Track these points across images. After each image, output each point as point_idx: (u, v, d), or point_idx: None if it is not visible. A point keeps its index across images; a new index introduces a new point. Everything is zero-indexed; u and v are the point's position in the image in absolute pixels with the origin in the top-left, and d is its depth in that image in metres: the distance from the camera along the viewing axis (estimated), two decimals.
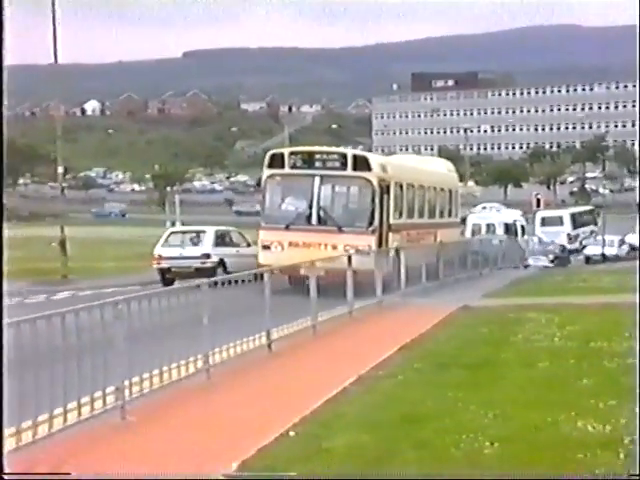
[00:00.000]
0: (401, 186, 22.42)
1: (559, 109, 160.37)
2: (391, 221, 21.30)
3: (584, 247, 44.23)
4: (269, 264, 17.36)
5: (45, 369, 7.81)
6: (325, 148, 22.84)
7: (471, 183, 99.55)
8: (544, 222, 49.64)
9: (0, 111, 5.47)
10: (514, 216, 46.30)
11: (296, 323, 14.15)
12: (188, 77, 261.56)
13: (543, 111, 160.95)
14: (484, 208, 50.31)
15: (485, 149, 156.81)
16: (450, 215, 27.94)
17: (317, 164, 20.78)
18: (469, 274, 25.44)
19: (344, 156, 20.95)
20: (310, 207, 20.61)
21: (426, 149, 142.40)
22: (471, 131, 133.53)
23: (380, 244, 20.54)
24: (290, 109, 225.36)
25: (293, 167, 20.89)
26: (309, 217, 20.57)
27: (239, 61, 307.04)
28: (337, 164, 20.74)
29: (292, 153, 21.38)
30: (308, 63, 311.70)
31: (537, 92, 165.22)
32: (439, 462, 7.07)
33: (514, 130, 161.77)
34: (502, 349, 12.38)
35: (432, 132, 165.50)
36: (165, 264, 23.88)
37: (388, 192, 21.20)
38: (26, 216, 78.27)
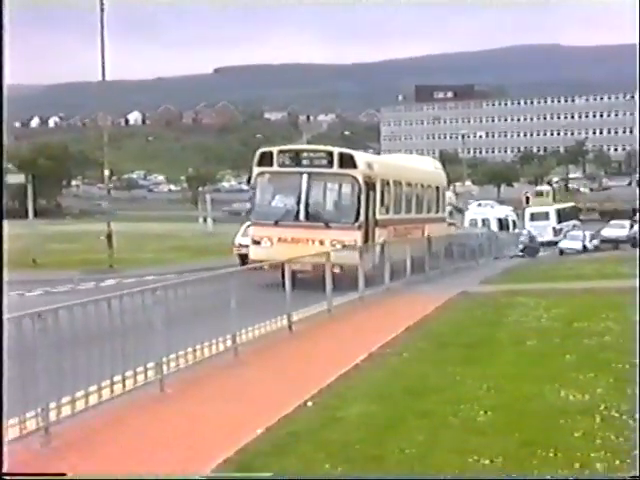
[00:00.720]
0: (388, 183, 20.98)
1: (545, 118, 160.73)
2: (378, 217, 19.82)
3: (557, 242, 43.75)
4: (259, 259, 16.80)
5: (94, 347, 7.86)
6: (312, 146, 21.43)
7: (468, 183, 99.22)
8: (533, 217, 49.48)
9: (0, 114, 5.38)
10: (506, 212, 46.15)
11: (313, 307, 14.15)
12: (218, 90, 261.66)
13: (531, 119, 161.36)
14: (479, 205, 49.96)
15: (481, 153, 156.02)
16: (437, 210, 26.35)
17: (305, 162, 19.33)
18: (461, 265, 24.28)
19: (330, 154, 19.30)
20: (298, 204, 19.11)
21: (428, 153, 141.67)
22: (468, 137, 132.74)
23: (367, 239, 19.05)
24: (308, 118, 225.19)
25: (282, 165, 19.41)
26: (297, 213, 19.06)
27: (263, 76, 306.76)
28: (324, 162, 19.23)
29: (280, 152, 19.72)
30: (324, 77, 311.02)
31: (526, 103, 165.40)
32: (440, 429, 7.08)
33: (506, 136, 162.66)
34: (496, 329, 12.34)
35: (434, 137, 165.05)
36: (244, 251, 24.03)
37: (374, 189, 19.70)
38: (77, 213, 78.56)
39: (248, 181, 21.93)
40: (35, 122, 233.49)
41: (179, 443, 6.96)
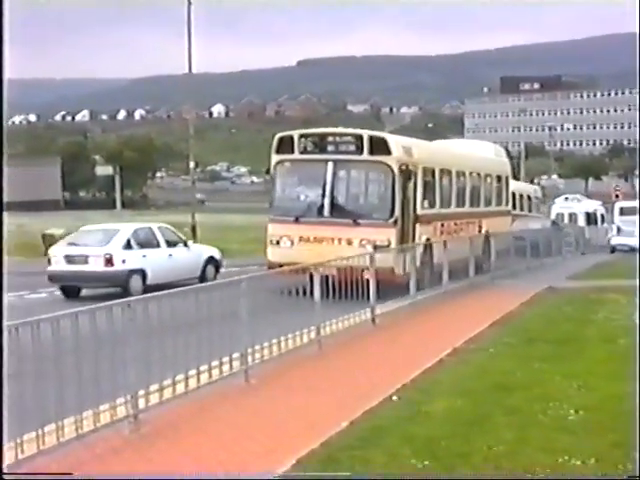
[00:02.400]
0: (432, 172, 18.17)
1: (635, 109, 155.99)
2: (419, 211, 17.12)
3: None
4: (278, 262, 15.26)
5: (181, 337, 7.98)
6: (339, 129, 18.11)
7: (555, 176, 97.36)
8: (622, 212, 48.18)
9: (0, 113, 5.43)
10: (594, 206, 45.01)
11: (396, 300, 14.09)
12: (301, 83, 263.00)
13: (622, 111, 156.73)
14: (566, 199, 48.87)
15: (568, 145, 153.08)
16: (499, 203, 23.07)
17: (330, 148, 16.66)
18: (547, 260, 22.97)
19: (360, 138, 16.54)
20: (322, 197, 16.47)
21: (513, 145, 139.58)
22: (555, 129, 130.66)
23: (403, 238, 16.42)
24: (391, 110, 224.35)
25: (303, 152, 16.76)
26: (321, 208, 16.43)
27: (346, 68, 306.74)
28: (352, 147, 16.52)
29: (302, 136, 17.00)
30: (407, 69, 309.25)
31: (616, 94, 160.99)
32: (529, 427, 6.95)
33: (594, 128, 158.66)
34: (585, 326, 12.08)
35: (519, 130, 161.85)
36: None
37: (414, 178, 16.96)
38: (162, 205, 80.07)
39: (267, 172, 18.46)
40: (122, 115, 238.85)
41: (264, 434, 7.01)
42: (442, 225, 18.52)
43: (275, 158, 17.11)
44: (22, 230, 33.18)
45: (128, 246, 17.16)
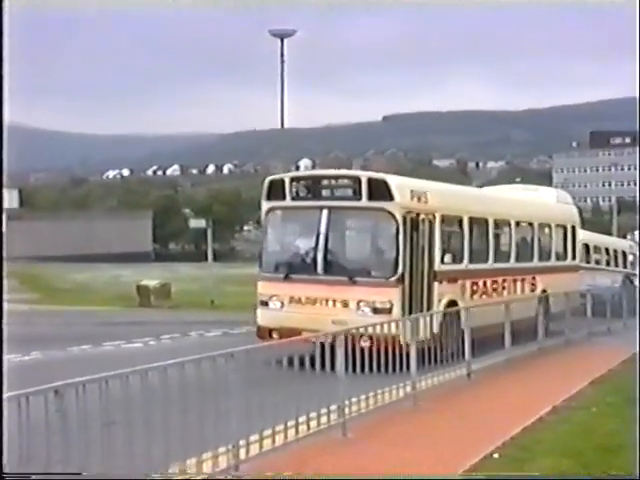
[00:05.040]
0: (460, 221, 15.56)
1: None
2: (437, 267, 14.48)
3: None
4: (267, 326, 14.02)
5: (280, 388, 8.02)
6: (334, 171, 15.96)
7: None
8: None
9: (0, 114, 5.51)
10: None
11: (491, 356, 13.86)
12: (387, 138, 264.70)
13: None
14: None
15: None
16: (562, 257, 19.97)
17: (325, 193, 14.45)
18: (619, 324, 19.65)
19: (358, 181, 14.15)
20: (315, 250, 14.15)
21: (604, 200, 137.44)
22: None
23: (412, 299, 13.84)
24: (477, 165, 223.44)
25: (296, 198, 14.57)
26: (314, 264, 14.09)
27: (432, 123, 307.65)
28: (349, 192, 14.21)
29: (294, 179, 14.86)
30: (494, 124, 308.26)
31: None
32: None
33: None
34: None
35: (610, 185, 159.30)
36: None
37: (430, 229, 14.44)
38: (248, 257, 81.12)
39: (258, 222, 15.98)
40: (211, 169, 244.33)
41: None
42: (474, 284, 15.77)
43: (265, 205, 15.03)
44: (117, 281, 33.94)
45: None
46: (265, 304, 14.43)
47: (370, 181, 14.05)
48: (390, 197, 13.83)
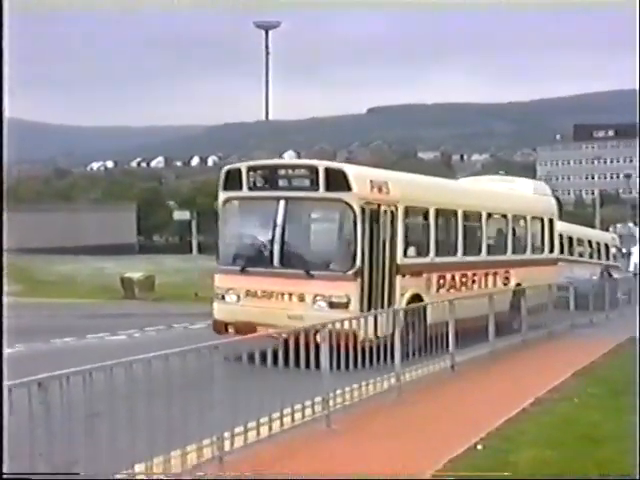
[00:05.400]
0: (425, 213, 15.14)
1: None
2: (400, 261, 13.97)
3: None
4: (223, 320, 13.67)
5: (265, 380, 8.03)
6: (291, 161, 14.39)
7: (631, 224, 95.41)
8: None
9: (0, 116, 5.50)
10: None
11: (474, 348, 13.92)
12: (372, 130, 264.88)
13: None
14: None
15: None
16: (539, 250, 19.53)
17: (282, 183, 13.92)
18: (602, 316, 20.00)
19: (315, 171, 13.62)
20: (272, 242, 13.68)
21: (587, 193, 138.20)
22: (630, 176, 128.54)
23: (372, 293, 13.33)
24: (462, 157, 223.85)
25: (253, 188, 14.08)
26: (270, 256, 13.64)
27: (417, 116, 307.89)
28: (307, 182, 13.67)
29: (250, 169, 14.26)
30: (478, 117, 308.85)
31: None
32: None
33: None
34: None
35: (593, 177, 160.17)
36: None
37: (392, 220, 13.93)
38: None
39: (215, 213, 14.80)
40: (195, 161, 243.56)
41: None
42: (442, 278, 15.33)
43: (222, 196, 14.51)
44: (101, 273, 33.82)
45: None
46: (222, 297, 13.99)
47: (327, 171, 13.56)
48: (348, 187, 13.31)
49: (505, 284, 17.59)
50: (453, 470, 7.20)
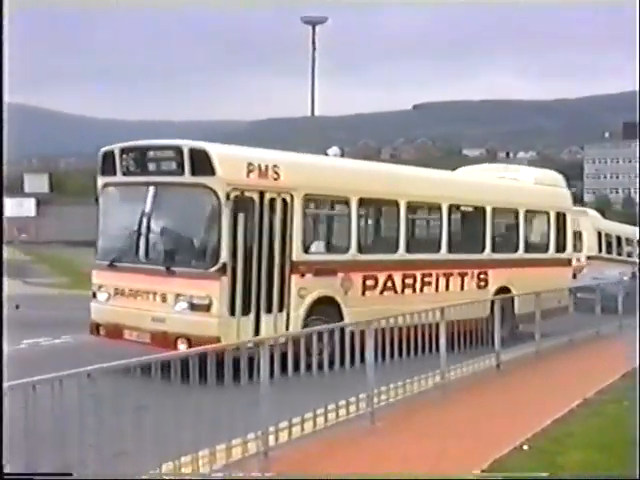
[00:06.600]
0: (346, 203, 13.23)
1: None
2: (296, 257, 12.09)
3: None
4: (95, 320, 12.35)
5: (311, 376, 8.04)
6: (159, 141, 12.98)
7: None
8: None
9: (0, 112, 5.49)
10: None
11: (520, 347, 13.78)
12: (417, 127, 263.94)
13: None
14: None
15: None
16: (543, 249, 17.40)
17: (151, 167, 12.22)
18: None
19: (180, 152, 11.81)
20: (138, 234, 12.19)
21: (636, 192, 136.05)
22: None
23: (246, 293, 11.46)
24: (507, 155, 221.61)
25: (126, 173, 12.42)
26: (137, 250, 12.20)
27: (462, 112, 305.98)
28: (174, 166, 11.90)
29: (124, 151, 12.54)
30: (525, 114, 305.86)
31: None
32: None
33: None
34: None
35: None
36: None
37: (283, 210, 12.01)
38: None
39: (96, 200, 12.86)
40: None
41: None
42: (370, 278, 13.32)
43: (99, 181, 12.88)
44: None
45: None
46: (94, 296, 12.58)
47: (192, 152, 11.71)
48: (211, 171, 11.47)
49: (481, 287, 15.48)
50: (499, 470, 7.13)
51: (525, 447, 7.87)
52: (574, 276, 23.04)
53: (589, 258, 26.08)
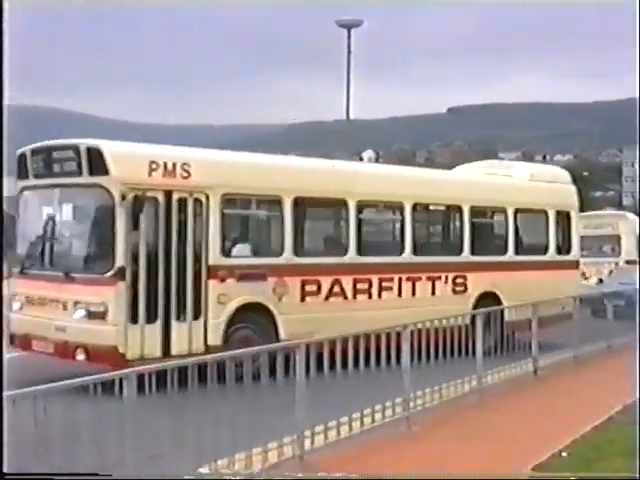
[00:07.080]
0: (275, 203, 12.47)
1: None
2: (213, 261, 11.44)
3: None
4: (13, 331, 11.58)
5: (345, 380, 8.03)
6: (60, 141, 12.26)
7: None
8: None
9: (0, 110, 5.49)
10: None
11: (557, 353, 13.63)
12: (452, 130, 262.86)
13: None
14: None
15: None
16: (539, 250, 16.28)
17: (56, 169, 11.82)
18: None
19: (77, 152, 11.37)
20: (44, 240, 11.76)
21: None
22: None
23: (149, 299, 10.88)
24: (544, 158, 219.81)
25: (37, 175, 12.02)
26: (42, 256, 11.80)
27: (497, 115, 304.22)
28: (74, 166, 11.43)
29: (34, 153, 12.10)
30: (561, 116, 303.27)
31: None
32: None
33: None
34: None
35: None
36: None
37: (194, 211, 11.44)
38: None
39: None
40: None
41: None
42: (311, 283, 12.52)
43: (17, 185, 12.35)
44: None
45: None
46: (10, 305, 11.89)
47: (89, 151, 11.19)
48: (105, 170, 10.98)
49: (458, 292, 14.50)
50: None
51: (564, 454, 7.79)
52: (600, 281, 22.38)
53: (628, 262, 25.71)
